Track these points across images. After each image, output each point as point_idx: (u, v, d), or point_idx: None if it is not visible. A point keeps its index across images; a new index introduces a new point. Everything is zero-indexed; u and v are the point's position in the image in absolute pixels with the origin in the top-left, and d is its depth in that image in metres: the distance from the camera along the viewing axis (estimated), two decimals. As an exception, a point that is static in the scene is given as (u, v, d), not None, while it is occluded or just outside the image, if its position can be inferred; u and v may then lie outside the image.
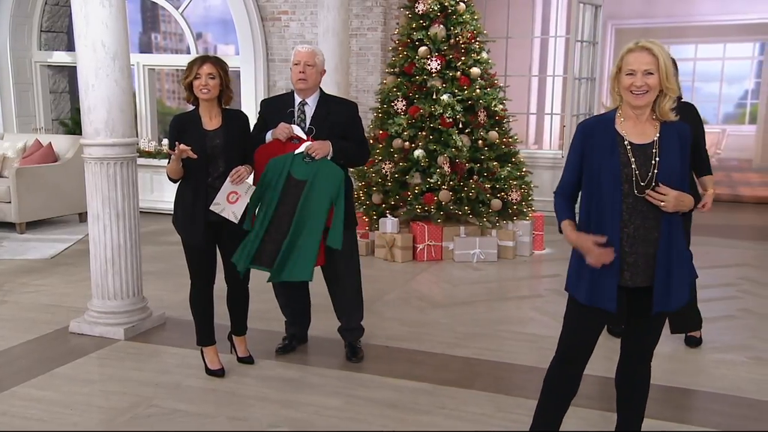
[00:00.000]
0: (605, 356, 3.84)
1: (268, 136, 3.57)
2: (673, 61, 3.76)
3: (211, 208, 3.37)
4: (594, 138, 2.42)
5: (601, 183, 2.37)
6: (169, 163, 3.40)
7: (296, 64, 3.57)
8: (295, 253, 3.45)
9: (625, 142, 2.39)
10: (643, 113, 2.41)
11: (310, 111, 3.61)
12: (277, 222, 3.47)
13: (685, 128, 2.46)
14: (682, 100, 3.81)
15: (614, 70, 2.42)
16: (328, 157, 3.50)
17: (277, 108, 3.67)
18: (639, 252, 2.39)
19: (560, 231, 2.52)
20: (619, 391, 2.71)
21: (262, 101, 3.86)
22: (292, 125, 3.53)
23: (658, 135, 2.40)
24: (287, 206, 3.47)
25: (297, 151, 3.46)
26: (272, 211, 3.46)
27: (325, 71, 3.71)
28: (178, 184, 3.47)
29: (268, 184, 3.46)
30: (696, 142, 3.75)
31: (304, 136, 3.51)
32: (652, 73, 2.32)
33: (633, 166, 2.36)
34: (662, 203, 2.32)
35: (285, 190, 3.46)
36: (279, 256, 3.43)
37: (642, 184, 2.35)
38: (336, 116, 3.61)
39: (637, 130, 2.41)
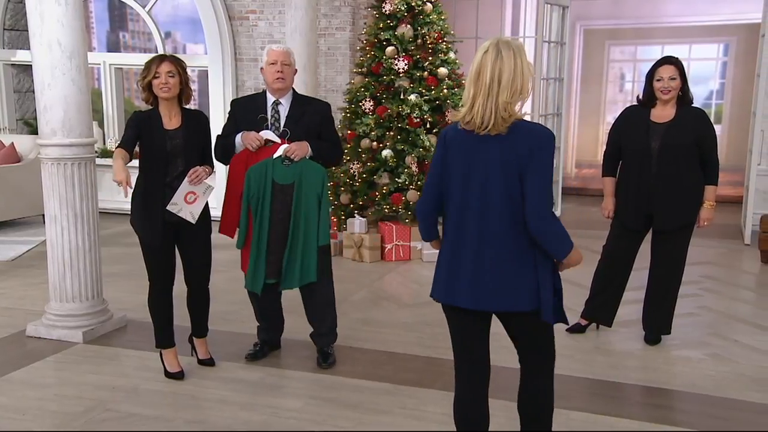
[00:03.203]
0: (581, 359, 3.89)
1: (238, 140, 3.51)
2: (649, 70, 3.81)
3: (168, 207, 3.33)
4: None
5: None
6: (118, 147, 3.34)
7: (273, 64, 3.50)
8: (300, 258, 3.47)
9: None
10: None
11: (284, 111, 3.55)
12: (274, 232, 3.47)
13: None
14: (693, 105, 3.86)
15: (532, 77, 2.25)
16: (307, 157, 3.47)
17: (249, 109, 3.60)
18: None
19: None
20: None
21: (233, 101, 3.78)
22: (264, 131, 3.48)
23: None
24: (280, 213, 3.46)
25: (275, 155, 3.42)
26: (267, 222, 3.45)
27: (297, 70, 3.68)
28: (135, 183, 3.41)
29: (254, 195, 3.43)
30: (704, 147, 3.77)
31: (278, 140, 3.47)
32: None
33: None
34: None
35: (273, 197, 3.44)
36: (284, 263, 3.46)
37: None
38: (310, 116, 3.56)
39: None
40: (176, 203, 3.33)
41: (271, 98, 3.58)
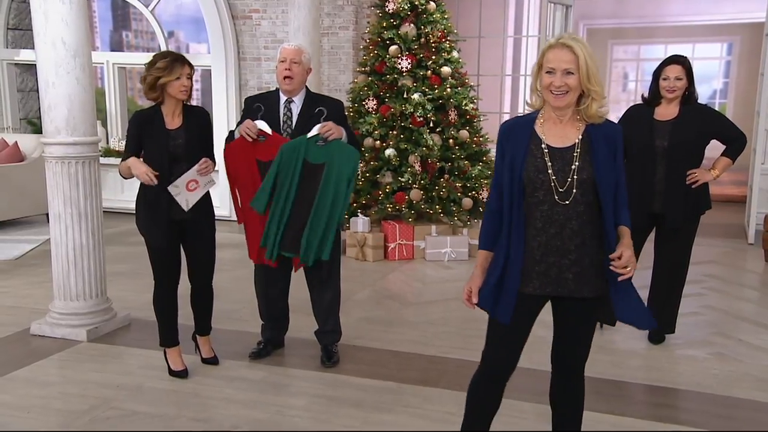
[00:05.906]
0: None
1: (236, 134, 3.52)
2: (657, 68, 3.80)
3: (169, 188, 3.32)
4: (510, 141, 2.26)
5: (513, 189, 2.21)
6: (123, 160, 3.36)
7: (282, 62, 3.51)
8: (320, 236, 3.44)
9: (543, 146, 2.21)
10: (564, 114, 2.22)
11: (296, 109, 3.56)
12: (298, 208, 3.45)
13: (614, 130, 2.24)
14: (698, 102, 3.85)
15: (535, 67, 2.22)
16: (342, 140, 3.46)
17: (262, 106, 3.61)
18: (550, 261, 2.23)
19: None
20: (553, 407, 2.53)
21: (247, 99, 3.77)
22: (258, 121, 3.47)
23: (579, 138, 2.21)
24: (307, 191, 3.43)
25: (310, 135, 3.41)
26: (293, 198, 3.43)
27: (311, 69, 3.66)
28: (139, 184, 3.42)
29: (283, 171, 3.40)
30: (721, 131, 3.80)
31: (270, 132, 3.46)
32: (572, 73, 2.13)
33: (549, 172, 2.18)
34: (626, 269, 2.17)
35: (303, 176, 3.42)
36: (304, 240, 3.42)
37: (561, 190, 2.17)
38: (322, 114, 3.55)
39: (557, 132, 2.23)
40: (178, 186, 3.33)
41: (283, 97, 3.59)
